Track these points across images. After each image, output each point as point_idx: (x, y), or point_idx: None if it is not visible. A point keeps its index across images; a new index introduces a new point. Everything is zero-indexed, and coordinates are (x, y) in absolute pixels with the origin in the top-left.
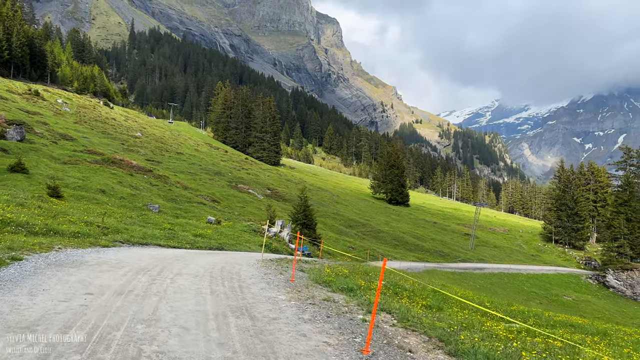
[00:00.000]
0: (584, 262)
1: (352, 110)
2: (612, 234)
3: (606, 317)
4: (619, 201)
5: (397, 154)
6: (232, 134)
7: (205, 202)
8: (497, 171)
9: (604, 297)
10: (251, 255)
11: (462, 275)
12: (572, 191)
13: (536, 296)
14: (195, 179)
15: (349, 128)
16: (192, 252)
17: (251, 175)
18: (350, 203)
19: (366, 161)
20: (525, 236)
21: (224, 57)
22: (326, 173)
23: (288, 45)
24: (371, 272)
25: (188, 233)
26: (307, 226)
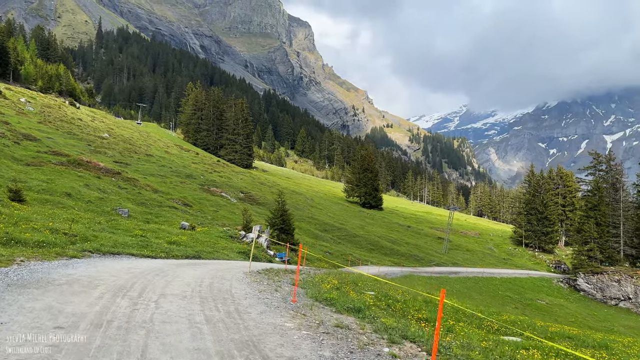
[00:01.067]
0: (554, 266)
1: (324, 114)
2: (582, 238)
3: (579, 321)
4: (589, 205)
5: (370, 157)
6: (203, 135)
7: (177, 206)
8: (465, 175)
9: (576, 301)
10: (236, 265)
11: (439, 279)
12: (542, 195)
13: (511, 300)
14: (165, 181)
15: (321, 131)
16: (170, 263)
17: (224, 178)
18: (325, 207)
19: (339, 164)
20: (496, 240)
21: (194, 58)
22: (299, 176)
23: (260, 48)
24: (359, 282)
25: (162, 240)
26: (285, 231)
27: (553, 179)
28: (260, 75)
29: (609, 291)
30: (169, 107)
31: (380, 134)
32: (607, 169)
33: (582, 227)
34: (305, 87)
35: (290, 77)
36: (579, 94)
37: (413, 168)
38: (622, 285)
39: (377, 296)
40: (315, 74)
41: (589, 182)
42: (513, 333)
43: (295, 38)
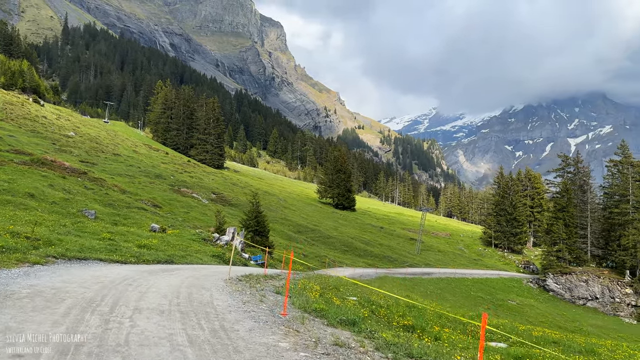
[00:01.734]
0: (522, 266)
1: (296, 115)
2: (551, 239)
3: (549, 321)
4: (558, 207)
5: (343, 158)
6: (173, 135)
7: (146, 207)
8: (435, 177)
9: (545, 301)
10: (213, 272)
11: (413, 281)
12: (511, 197)
13: (483, 301)
14: (134, 182)
15: (293, 132)
16: (141, 269)
17: (194, 178)
18: (298, 208)
19: (311, 165)
20: (467, 240)
21: (164, 56)
22: (271, 177)
23: (231, 47)
24: (340, 287)
25: (131, 244)
26: (259, 233)
27: (522, 180)
28: (232, 75)
29: (577, 291)
30: (138, 106)
31: (352, 135)
32: (575, 171)
33: (551, 228)
34: (277, 87)
35: (262, 77)
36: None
37: (385, 169)
38: (590, 285)
39: (359, 301)
40: (288, 75)
41: (558, 184)
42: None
43: (267, 38)
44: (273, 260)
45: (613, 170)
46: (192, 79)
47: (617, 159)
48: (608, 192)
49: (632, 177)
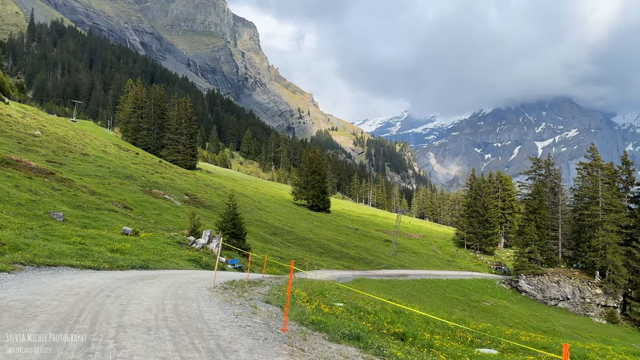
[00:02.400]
0: (494, 267)
1: (270, 116)
2: (523, 240)
3: (523, 322)
4: (530, 209)
5: (318, 159)
6: (144, 135)
7: (116, 209)
8: (407, 178)
9: (518, 302)
10: (194, 278)
11: (389, 283)
12: (483, 199)
13: (458, 302)
14: (104, 183)
15: (267, 133)
16: (118, 277)
17: (166, 179)
18: (273, 209)
19: (285, 167)
20: (440, 242)
21: (134, 55)
22: (245, 178)
23: (203, 46)
24: (326, 292)
25: (103, 248)
26: (236, 236)
27: (493, 182)
28: (204, 75)
29: (549, 292)
30: (107, 105)
31: (325, 136)
32: (546, 174)
33: (524, 230)
34: (250, 88)
35: (235, 78)
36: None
37: (358, 171)
38: (561, 286)
39: (346, 307)
40: (261, 75)
41: (530, 186)
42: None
43: (240, 38)
44: (251, 264)
45: (583, 172)
46: (163, 78)
47: (586, 162)
48: (578, 194)
49: (602, 179)
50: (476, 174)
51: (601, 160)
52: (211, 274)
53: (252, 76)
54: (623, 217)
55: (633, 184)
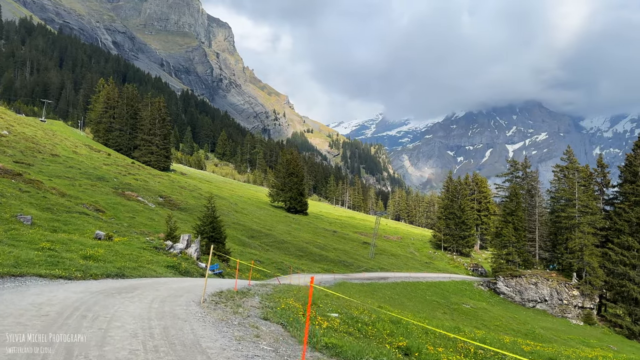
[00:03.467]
0: (471, 269)
1: (245, 117)
2: (501, 242)
3: (504, 325)
4: (507, 211)
5: (296, 161)
6: (116, 135)
7: (88, 211)
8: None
9: (497, 304)
10: (178, 288)
11: (370, 286)
12: (459, 201)
13: (439, 305)
14: (74, 184)
15: (242, 134)
16: (93, 289)
17: (139, 181)
18: (250, 212)
19: (261, 168)
20: (417, 244)
21: (106, 54)
22: (220, 180)
23: (177, 47)
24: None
25: (75, 254)
26: (215, 240)
27: (469, 184)
28: (178, 75)
29: (527, 294)
30: (77, 105)
31: (301, 138)
32: (523, 176)
33: (501, 232)
34: (225, 89)
35: (210, 78)
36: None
37: (334, 173)
38: (539, 288)
39: (342, 319)
40: (236, 76)
41: (507, 189)
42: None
43: (214, 39)
44: (230, 269)
45: (559, 175)
46: (136, 78)
47: (563, 165)
48: (555, 197)
49: (578, 182)
50: (458, 176)
51: (577, 162)
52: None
53: (226, 77)
54: (599, 219)
55: (608, 187)
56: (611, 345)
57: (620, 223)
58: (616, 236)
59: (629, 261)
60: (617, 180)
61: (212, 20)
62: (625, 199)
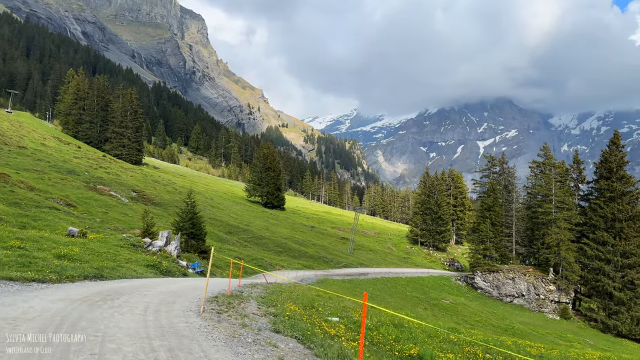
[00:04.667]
0: (448, 264)
1: (218, 111)
2: (478, 237)
3: (484, 320)
4: (484, 206)
5: (273, 156)
6: (86, 128)
7: (58, 206)
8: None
9: (474, 299)
10: (168, 291)
11: (352, 282)
12: (436, 196)
13: (419, 301)
14: (43, 178)
15: (216, 128)
16: (72, 296)
17: (112, 175)
18: (227, 207)
19: (236, 163)
20: (394, 239)
21: (75, 44)
22: (194, 174)
23: (149, 38)
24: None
25: (48, 253)
26: (195, 237)
27: (445, 180)
28: (149, 67)
29: (505, 289)
30: (45, 96)
31: (276, 133)
32: (500, 172)
33: (479, 227)
34: (198, 82)
35: (182, 71)
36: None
37: (310, 168)
38: (517, 282)
39: (344, 323)
40: (209, 69)
41: (484, 184)
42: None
43: (187, 31)
44: (212, 267)
45: (536, 171)
46: (107, 69)
47: (539, 160)
48: (531, 192)
49: (554, 178)
50: (422, 172)
51: (554, 158)
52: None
53: (200, 70)
54: (575, 214)
55: (583, 183)
56: (587, 339)
57: (595, 219)
58: (591, 231)
59: (604, 256)
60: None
61: (185, 11)
62: (600, 195)
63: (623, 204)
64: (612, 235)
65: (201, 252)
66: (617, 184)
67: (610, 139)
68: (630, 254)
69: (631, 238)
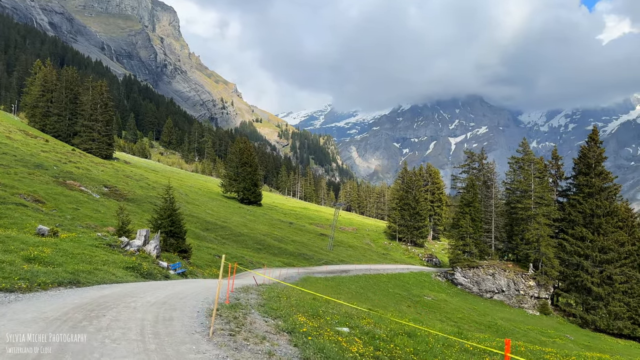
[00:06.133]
0: (426, 260)
1: (191, 105)
2: (458, 233)
3: (466, 317)
4: (464, 202)
5: (250, 150)
6: (54, 121)
7: (26, 202)
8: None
9: (455, 295)
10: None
11: (335, 280)
12: (414, 192)
13: (401, 298)
14: (9, 172)
15: (189, 123)
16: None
17: (82, 169)
18: (202, 203)
19: (210, 158)
20: (372, 235)
21: (42, 35)
22: (167, 169)
23: (119, 30)
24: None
25: (15, 256)
26: (174, 235)
27: (423, 176)
28: (119, 60)
29: (485, 284)
30: (11, 88)
31: (249, 128)
32: (479, 167)
33: (459, 223)
34: (169, 75)
35: (153, 64)
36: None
37: (286, 163)
38: (497, 278)
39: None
40: (181, 63)
41: (464, 180)
42: None
43: (158, 23)
44: (192, 267)
45: (515, 166)
46: (75, 61)
47: (519, 157)
48: (510, 188)
49: (533, 174)
50: (395, 168)
51: (532, 154)
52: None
53: (171, 63)
54: (554, 210)
55: (562, 179)
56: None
57: (574, 214)
58: (570, 227)
59: (582, 251)
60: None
61: (156, 3)
62: (579, 191)
63: (601, 199)
64: (591, 230)
65: (181, 251)
66: (595, 179)
67: (588, 135)
68: (609, 249)
69: (609, 233)
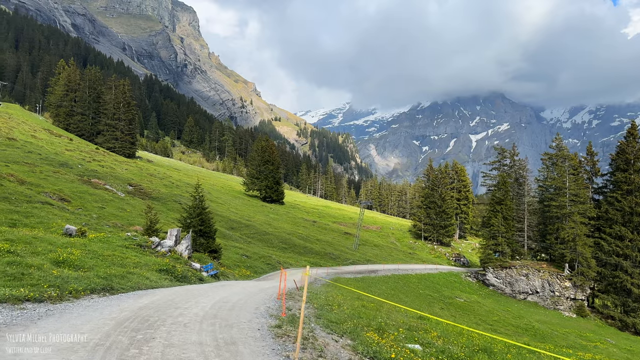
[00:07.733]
0: (453, 259)
1: (211, 104)
2: (490, 232)
3: (502, 320)
4: (495, 200)
5: (271, 149)
6: (77, 120)
7: (52, 201)
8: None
9: (487, 296)
10: (204, 313)
11: (364, 281)
12: (440, 189)
13: (433, 299)
14: (34, 171)
15: (210, 122)
16: (86, 334)
17: (106, 168)
18: (225, 201)
19: (230, 157)
20: (397, 233)
21: (65, 36)
22: (189, 168)
23: (140, 30)
24: (382, 323)
25: (43, 259)
26: (204, 234)
27: (449, 173)
28: (140, 60)
29: (518, 285)
30: (35, 88)
31: (268, 127)
32: (511, 164)
33: (490, 222)
34: (190, 75)
35: (174, 64)
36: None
37: (306, 162)
38: (530, 279)
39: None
40: (201, 62)
41: (494, 177)
42: None
43: (179, 23)
44: (224, 268)
45: (548, 163)
46: (97, 62)
47: (552, 152)
48: (544, 185)
49: (567, 170)
50: (414, 166)
51: (567, 150)
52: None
53: (191, 63)
54: (590, 208)
55: (597, 175)
56: (608, 339)
57: (612, 212)
58: (608, 226)
59: (621, 251)
60: None
61: (176, 3)
62: (617, 188)
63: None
64: (630, 229)
65: (211, 251)
66: (635, 176)
67: (627, 130)
68: None
69: None
